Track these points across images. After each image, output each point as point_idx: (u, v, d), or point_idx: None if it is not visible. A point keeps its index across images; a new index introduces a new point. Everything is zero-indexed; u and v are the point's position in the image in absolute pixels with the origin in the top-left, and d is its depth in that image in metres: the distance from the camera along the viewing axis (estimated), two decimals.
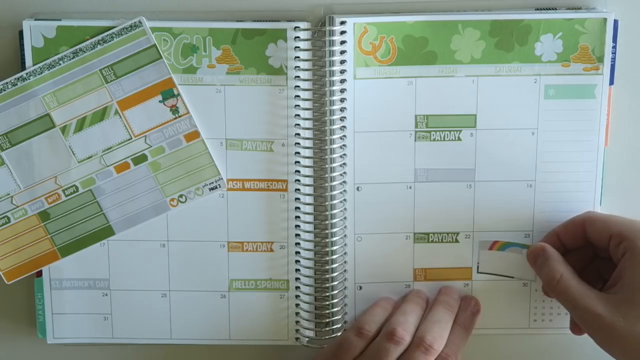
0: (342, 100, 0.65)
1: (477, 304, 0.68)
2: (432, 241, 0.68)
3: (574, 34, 0.65)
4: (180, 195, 0.67)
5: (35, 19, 0.65)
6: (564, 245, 0.66)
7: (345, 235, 0.67)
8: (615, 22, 0.65)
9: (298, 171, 0.67)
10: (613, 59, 0.66)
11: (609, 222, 0.63)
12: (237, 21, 0.65)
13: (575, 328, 0.66)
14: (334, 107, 0.65)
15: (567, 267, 0.63)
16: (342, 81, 0.65)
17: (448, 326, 0.65)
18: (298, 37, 0.65)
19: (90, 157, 0.66)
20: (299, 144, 0.66)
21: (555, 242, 0.66)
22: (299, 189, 0.67)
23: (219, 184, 0.67)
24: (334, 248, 0.67)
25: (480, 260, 0.68)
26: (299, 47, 0.65)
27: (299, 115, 0.66)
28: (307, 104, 0.65)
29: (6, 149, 0.66)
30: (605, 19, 0.64)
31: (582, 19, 0.65)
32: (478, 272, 0.68)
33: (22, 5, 0.65)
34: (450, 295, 0.67)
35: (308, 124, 0.66)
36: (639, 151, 0.68)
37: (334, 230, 0.66)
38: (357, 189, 0.67)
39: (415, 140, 0.67)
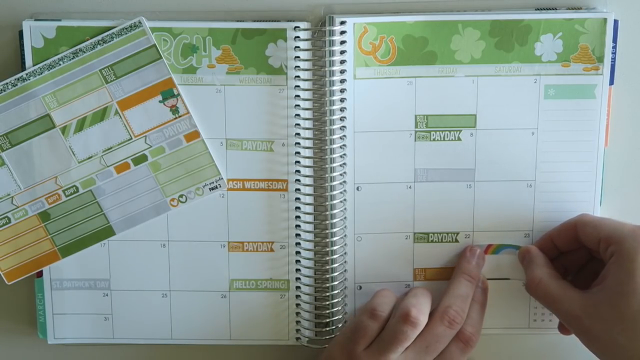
0: (342, 100, 0.65)
1: (484, 280, 0.68)
2: (431, 241, 0.68)
3: (574, 34, 0.65)
4: (181, 195, 0.67)
5: (35, 19, 0.65)
6: (557, 248, 0.66)
7: (345, 235, 0.67)
8: (615, 22, 0.65)
9: (298, 171, 0.67)
10: (613, 59, 0.66)
11: (599, 226, 0.63)
12: (237, 21, 0.65)
13: (563, 328, 0.67)
14: (334, 107, 0.65)
15: (549, 270, 0.64)
16: (342, 81, 0.65)
17: (469, 300, 0.66)
18: (298, 37, 0.65)
19: (91, 157, 0.66)
20: (299, 144, 0.66)
21: (548, 245, 0.66)
22: (299, 189, 0.67)
23: (219, 184, 0.67)
24: (334, 248, 0.67)
25: None
26: (299, 47, 0.65)
27: (299, 115, 0.66)
28: (307, 104, 0.66)
29: (6, 149, 0.66)
30: (605, 19, 0.64)
31: (582, 19, 0.65)
32: None
33: (22, 6, 0.65)
34: (471, 262, 0.67)
35: (308, 124, 0.66)
36: (639, 151, 0.68)
37: (334, 230, 0.66)
38: (357, 188, 0.67)
39: (415, 140, 0.67)
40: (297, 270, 0.68)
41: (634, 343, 0.58)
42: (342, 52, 0.65)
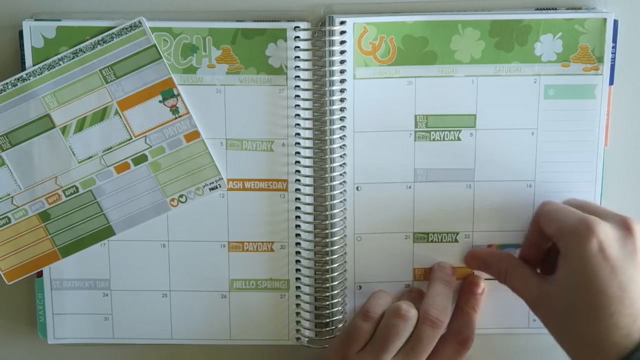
0: (342, 100, 0.65)
1: (478, 282, 0.68)
2: (431, 241, 0.68)
3: (573, 34, 0.65)
4: (181, 196, 0.67)
5: (35, 20, 0.65)
6: (539, 245, 0.66)
7: (345, 235, 0.67)
8: (615, 22, 0.65)
9: (298, 171, 0.67)
10: (613, 59, 0.66)
11: (550, 220, 0.63)
12: (237, 21, 0.65)
13: None
14: (334, 107, 0.65)
15: (515, 262, 0.65)
16: (342, 81, 0.65)
17: (449, 298, 0.66)
18: (298, 37, 0.65)
19: (91, 157, 0.66)
20: (299, 143, 0.66)
21: (532, 249, 0.66)
22: (299, 189, 0.67)
23: (219, 184, 0.67)
24: (334, 248, 0.67)
25: None
26: (299, 47, 0.65)
27: (299, 115, 0.66)
28: (307, 104, 0.66)
29: (6, 149, 0.66)
30: (605, 19, 0.64)
31: (582, 19, 0.65)
32: None
33: (22, 6, 0.65)
34: (444, 272, 0.68)
35: (308, 124, 0.66)
36: (639, 151, 0.68)
37: (334, 230, 0.66)
38: (357, 188, 0.67)
39: (414, 140, 0.67)
40: (297, 270, 0.68)
41: (587, 335, 0.58)
42: (342, 52, 0.65)
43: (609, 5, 0.65)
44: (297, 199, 0.67)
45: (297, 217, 0.67)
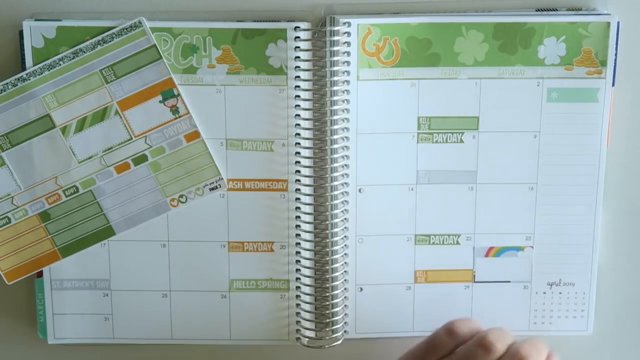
0: (345, 101, 0.65)
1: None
2: (433, 243, 0.68)
3: (577, 38, 0.64)
4: (181, 196, 0.67)
5: (35, 20, 0.65)
6: None
7: (346, 237, 0.67)
8: (617, 24, 0.64)
9: (298, 171, 0.66)
10: (614, 60, 0.65)
11: None
12: (237, 21, 0.65)
13: None
14: (336, 108, 0.65)
15: None
16: (345, 82, 0.65)
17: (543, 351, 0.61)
18: (298, 37, 0.64)
19: (91, 157, 0.66)
20: (299, 144, 0.66)
21: None
22: (299, 189, 0.67)
23: (219, 184, 0.67)
24: (335, 249, 0.67)
25: (477, 269, 0.68)
26: (299, 47, 0.64)
27: (299, 115, 0.65)
28: (307, 105, 0.65)
29: (6, 149, 0.66)
30: (608, 23, 0.64)
31: (586, 22, 0.64)
32: (474, 282, 0.69)
33: (22, 6, 0.65)
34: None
35: (308, 124, 0.65)
36: (639, 151, 0.68)
37: (335, 230, 0.66)
38: (359, 190, 0.67)
39: (417, 142, 0.66)
40: (297, 270, 0.68)
41: None
42: (344, 53, 0.64)
43: (609, 5, 0.65)
44: (297, 199, 0.67)
45: (297, 217, 0.67)
